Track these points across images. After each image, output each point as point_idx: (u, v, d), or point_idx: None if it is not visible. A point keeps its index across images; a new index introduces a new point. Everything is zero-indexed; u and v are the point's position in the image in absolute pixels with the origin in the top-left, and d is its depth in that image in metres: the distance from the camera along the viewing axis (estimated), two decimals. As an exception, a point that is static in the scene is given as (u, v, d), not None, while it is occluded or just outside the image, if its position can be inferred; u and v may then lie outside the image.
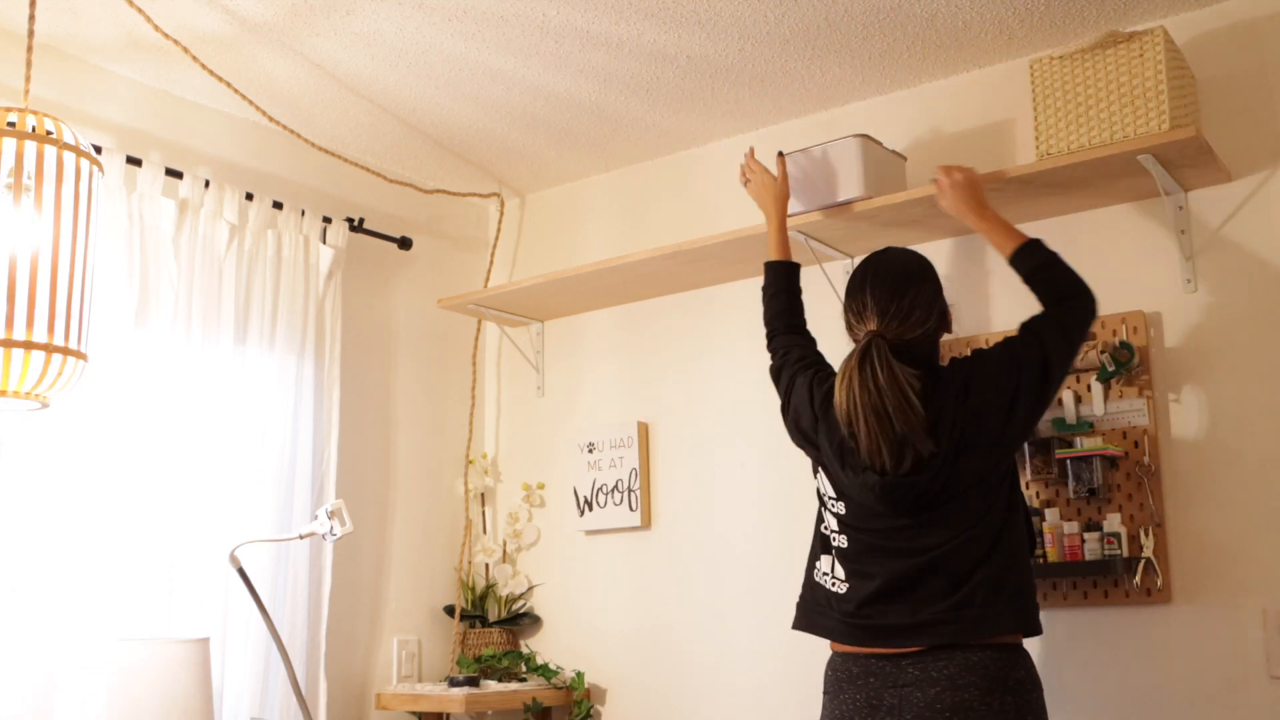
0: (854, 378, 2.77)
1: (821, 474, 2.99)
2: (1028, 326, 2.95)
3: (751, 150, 3.77)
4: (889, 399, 2.72)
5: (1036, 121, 3.46)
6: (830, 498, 2.96)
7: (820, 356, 3.18)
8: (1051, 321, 2.94)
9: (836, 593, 2.91)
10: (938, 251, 3.89)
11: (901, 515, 2.82)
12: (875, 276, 2.92)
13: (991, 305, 3.79)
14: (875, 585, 2.84)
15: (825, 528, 3.00)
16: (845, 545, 2.91)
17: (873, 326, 2.84)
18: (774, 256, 3.45)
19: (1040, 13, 3.54)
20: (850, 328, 2.93)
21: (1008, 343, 2.93)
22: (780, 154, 3.67)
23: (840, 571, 2.92)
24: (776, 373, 3.21)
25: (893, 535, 2.84)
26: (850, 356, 2.81)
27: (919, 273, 2.95)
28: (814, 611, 2.98)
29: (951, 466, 2.78)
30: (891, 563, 2.83)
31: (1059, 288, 3.00)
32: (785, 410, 3.12)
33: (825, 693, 2.92)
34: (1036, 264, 3.04)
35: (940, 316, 2.95)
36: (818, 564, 2.99)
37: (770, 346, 3.29)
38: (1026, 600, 2.83)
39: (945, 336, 3.09)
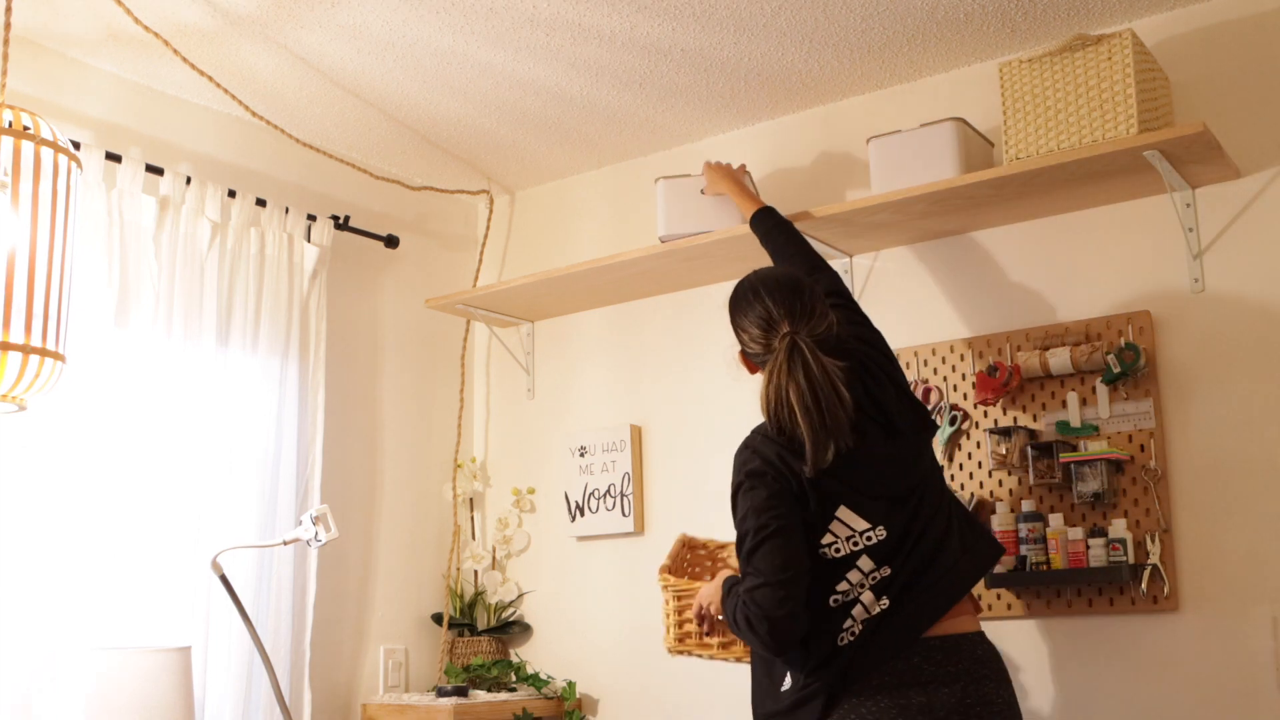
0: (782, 374, 2.72)
1: (842, 520, 2.76)
2: (851, 323, 3.04)
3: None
4: (822, 392, 2.69)
5: (1005, 125, 3.47)
6: (864, 533, 2.75)
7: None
8: (844, 309, 3.08)
9: (874, 618, 2.74)
10: (942, 249, 3.84)
11: (920, 478, 2.84)
12: (765, 286, 2.85)
13: (1003, 303, 3.74)
14: (915, 575, 2.77)
15: (842, 594, 2.76)
16: (889, 573, 2.75)
17: (785, 329, 2.77)
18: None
19: (1044, 3, 3.48)
20: (756, 341, 2.82)
21: (857, 333, 3.01)
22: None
23: (877, 603, 2.74)
24: (752, 568, 2.77)
25: (916, 519, 2.80)
26: (776, 356, 2.75)
27: (803, 277, 2.93)
28: (853, 664, 2.75)
29: (906, 435, 2.86)
30: (920, 549, 2.79)
31: (803, 245, 3.42)
32: (790, 515, 2.77)
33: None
34: (778, 220, 3.53)
35: (830, 315, 2.87)
36: (840, 634, 2.75)
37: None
38: (983, 525, 3.08)
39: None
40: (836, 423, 2.69)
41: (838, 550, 2.75)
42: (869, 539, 2.76)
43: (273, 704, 3.75)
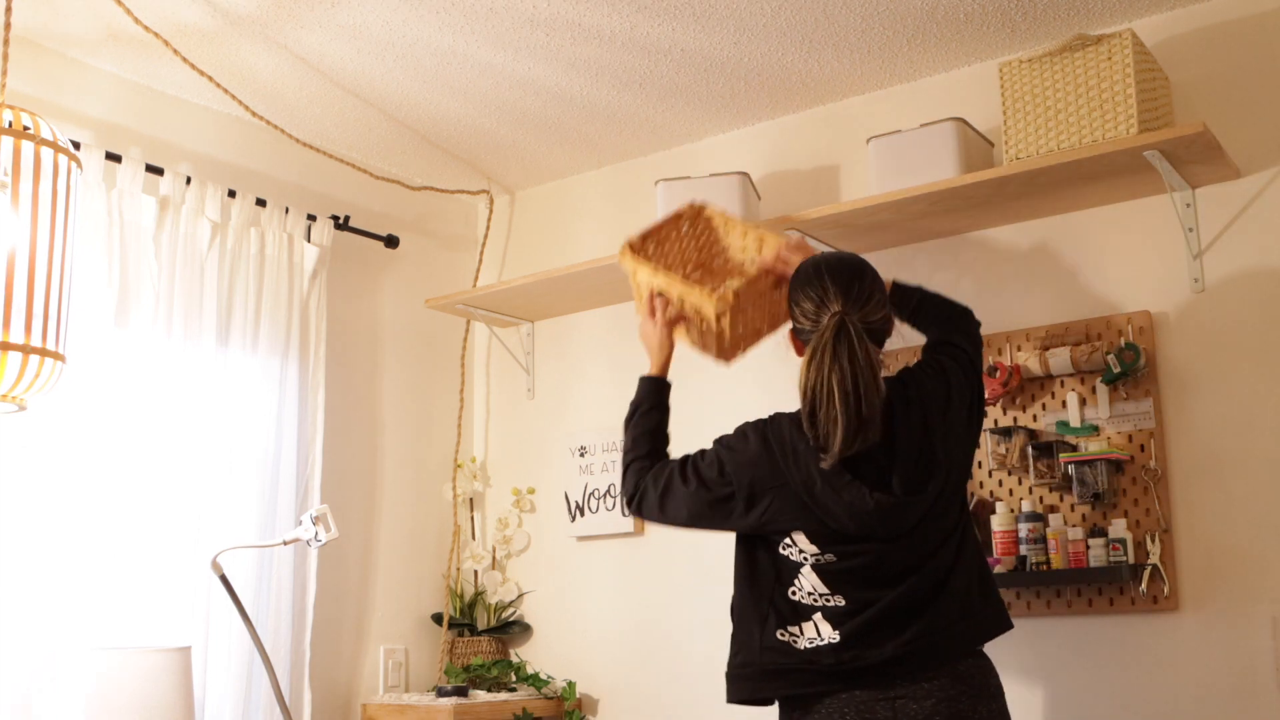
0: (826, 355, 2.66)
1: (793, 540, 2.79)
2: (947, 341, 2.96)
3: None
4: (863, 377, 2.63)
5: (1005, 125, 3.47)
6: (814, 554, 2.77)
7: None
8: (955, 330, 2.99)
9: (824, 647, 2.75)
10: (942, 249, 3.83)
11: (893, 535, 2.71)
12: (829, 267, 2.81)
13: (1003, 303, 3.72)
14: (872, 630, 2.73)
15: (801, 594, 2.80)
16: (843, 604, 2.75)
17: (837, 308, 2.73)
18: (656, 373, 3.13)
19: (1044, 3, 3.48)
20: (807, 316, 2.78)
21: (934, 359, 2.91)
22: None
23: (829, 630, 2.75)
24: (663, 484, 2.93)
25: (890, 574, 2.73)
26: (821, 334, 2.69)
27: (869, 266, 2.86)
28: (785, 671, 2.79)
29: (938, 481, 2.73)
30: (888, 596, 2.72)
31: (946, 309, 3.07)
32: (706, 497, 2.87)
33: (793, 710, 2.81)
34: (920, 296, 3.09)
35: (890, 314, 2.86)
36: (783, 630, 2.80)
37: (630, 470, 3.01)
38: (999, 596, 2.87)
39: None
40: (872, 412, 2.64)
41: (792, 555, 2.79)
42: (816, 558, 2.76)
43: (273, 704, 3.73)
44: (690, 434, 3.21)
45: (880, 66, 3.86)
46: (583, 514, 4.42)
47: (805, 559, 2.77)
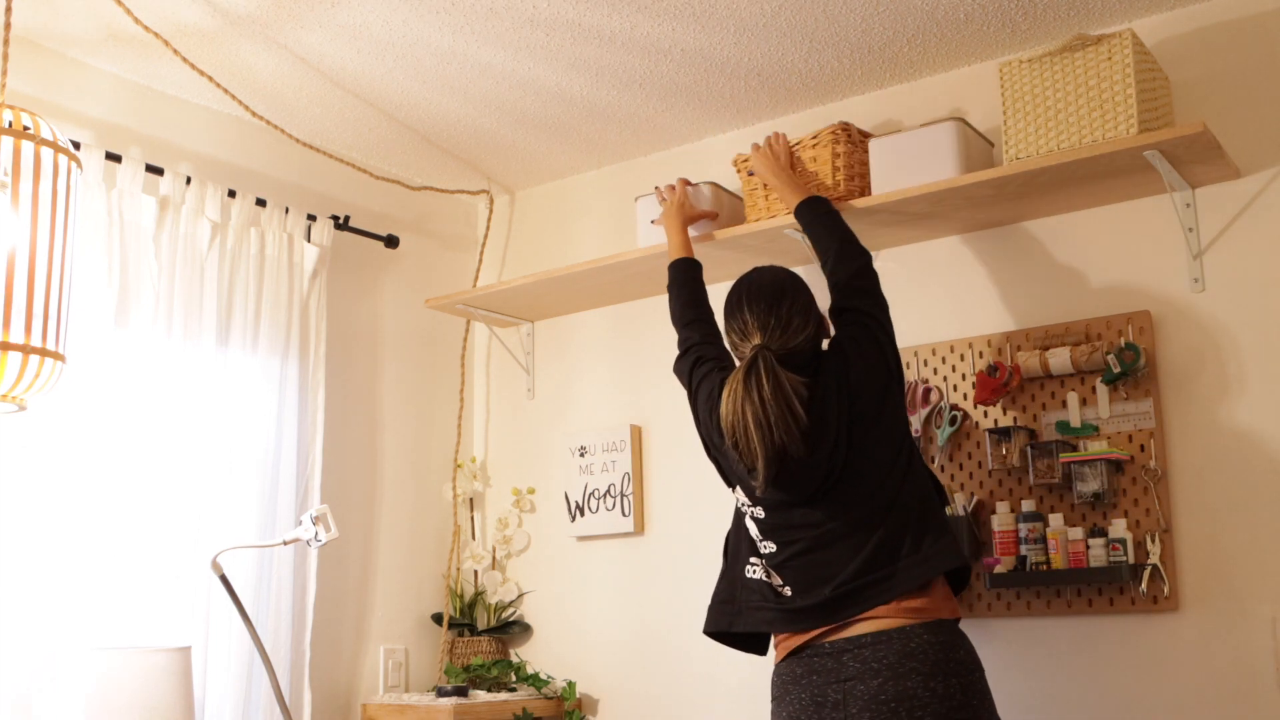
0: (739, 390, 2.85)
1: (736, 490, 3.07)
2: (843, 308, 3.10)
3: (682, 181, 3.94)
4: (772, 410, 2.80)
5: (1005, 125, 3.47)
6: (746, 504, 3.03)
7: (725, 353, 3.21)
8: (856, 293, 3.13)
9: (779, 592, 2.98)
10: (942, 250, 3.83)
11: (810, 499, 2.90)
12: (750, 294, 3.00)
13: (1003, 303, 3.73)
14: (805, 574, 2.92)
15: (749, 534, 3.07)
16: (774, 550, 2.97)
17: (757, 341, 2.91)
18: (676, 256, 3.59)
19: (1044, 3, 3.48)
20: (735, 347, 3.00)
21: (846, 329, 3.06)
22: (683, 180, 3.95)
23: (776, 578, 2.98)
24: (686, 372, 3.25)
25: (810, 525, 2.92)
26: (736, 370, 2.89)
27: (791, 285, 3.02)
28: (744, 609, 3.05)
29: (848, 445, 2.89)
30: (816, 552, 2.91)
31: (839, 234, 3.27)
32: (694, 416, 3.20)
33: (773, 699, 2.97)
34: (822, 211, 3.35)
35: (818, 323, 3.03)
36: (748, 566, 3.05)
37: (679, 338, 3.36)
38: (950, 538, 2.94)
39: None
40: (790, 439, 2.81)
41: (740, 503, 3.08)
42: (750, 510, 3.03)
43: (273, 704, 3.74)
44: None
45: (880, 66, 3.86)
46: (583, 514, 4.42)
47: (745, 509, 3.03)
